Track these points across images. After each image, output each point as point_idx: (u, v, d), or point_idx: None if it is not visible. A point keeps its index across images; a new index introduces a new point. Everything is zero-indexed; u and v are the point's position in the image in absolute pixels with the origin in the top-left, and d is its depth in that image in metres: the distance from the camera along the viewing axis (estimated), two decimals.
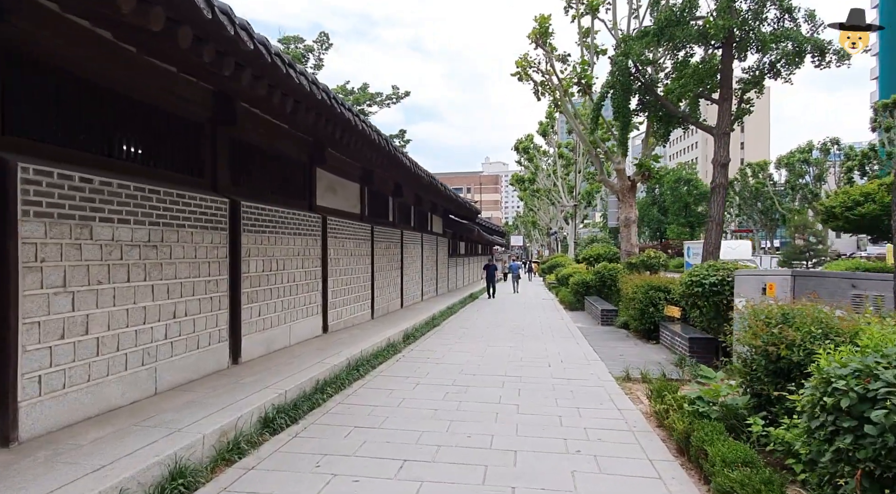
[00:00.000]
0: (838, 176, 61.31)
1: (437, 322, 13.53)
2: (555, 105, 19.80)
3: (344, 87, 30.06)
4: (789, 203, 65.56)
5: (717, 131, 11.47)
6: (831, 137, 60.83)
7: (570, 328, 13.28)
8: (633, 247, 18.45)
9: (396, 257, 14.49)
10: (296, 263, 8.13)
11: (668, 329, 10.06)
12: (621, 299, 15.01)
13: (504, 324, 13.95)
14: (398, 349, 9.41)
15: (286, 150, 8.37)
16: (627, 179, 18.41)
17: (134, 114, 5.19)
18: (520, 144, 45.13)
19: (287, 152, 8.40)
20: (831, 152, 60.62)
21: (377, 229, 12.63)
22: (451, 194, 16.03)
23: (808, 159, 61.02)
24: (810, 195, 60.49)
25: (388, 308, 13.61)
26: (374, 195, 13.17)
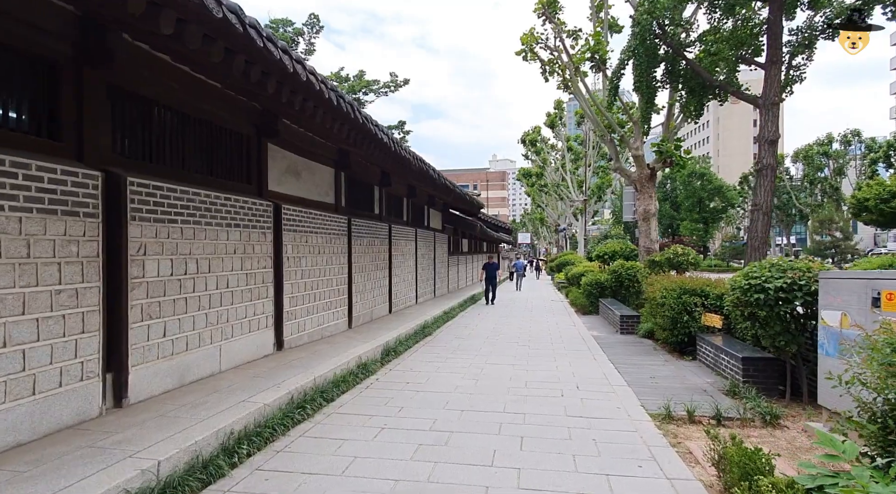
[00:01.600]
0: (859, 169, 58.87)
1: (428, 331, 11.63)
2: (564, 86, 17.81)
3: (338, 73, 28.25)
4: (806, 198, 63.08)
5: (764, 101, 9.50)
6: (852, 129, 58.31)
7: (585, 337, 11.34)
8: (653, 243, 16.46)
9: (383, 255, 12.60)
10: (231, 263, 6.26)
11: (709, 344, 8.11)
12: (645, 303, 13.09)
13: (507, 332, 12.03)
14: (372, 370, 7.52)
15: (218, 116, 6.49)
16: (646, 167, 16.41)
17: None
18: (526, 137, 43.11)
19: (220, 120, 6.52)
20: (852, 145, 58.13)
21: (357, 223, 10.75)
22: (448, 184, 14.13)
23: (828, 152, 58.50)
24: (830, 189, 58.04)
25: (373, 315, 11.72)
26: (355, 183, 11.28)
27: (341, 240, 9.83)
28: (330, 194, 9.91)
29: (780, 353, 6.39)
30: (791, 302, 6.00)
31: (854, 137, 57.75)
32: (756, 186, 9.58)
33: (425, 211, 18.29)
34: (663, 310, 9.33)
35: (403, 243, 14.49)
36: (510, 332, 12.13)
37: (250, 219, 6.68)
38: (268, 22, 26.03)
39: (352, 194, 11.08)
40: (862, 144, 57.77)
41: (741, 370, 6.73)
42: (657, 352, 9.50)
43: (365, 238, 11.22)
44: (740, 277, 6.58)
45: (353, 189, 11.13)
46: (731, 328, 8.53)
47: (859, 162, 58.35)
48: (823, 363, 5.17)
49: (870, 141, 56.94)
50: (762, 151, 9.52)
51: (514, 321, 14.33)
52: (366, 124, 7.37)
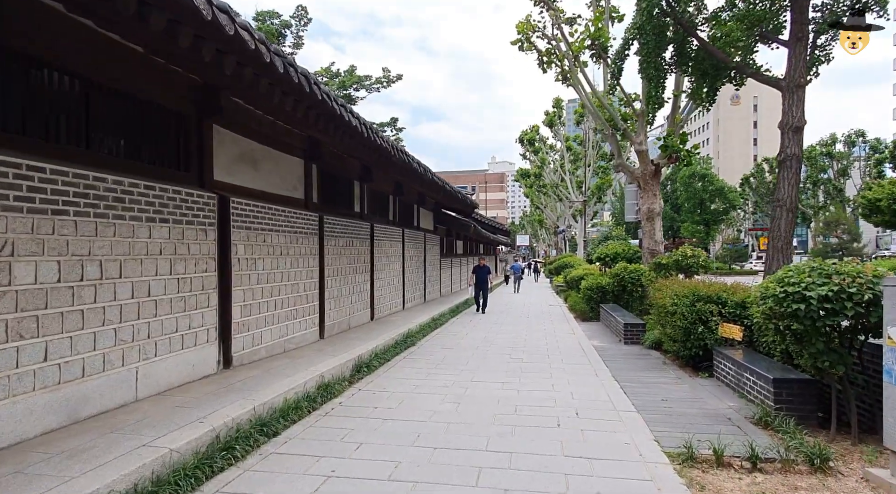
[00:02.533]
0: (864, 170, 57.84)
1: (413, 340, 10.52)
2: (563, 78, 16.73)
3: (328, 68, 27.17)
4: (809, 199, 62.08)
5: (788, 83, 8.41)
6: (856, 130, 57.29)
7: (585, 348, 10.23)
8: (657, 244, 15.37)
9: (364, 257, 11.49)
10: (155, 266, 5.15)
11: (728, 359, 7.01)
12: (650, 309, 11.99)
13: (500, 342, 10.92)
14: (336, 392, 6.40)
15: (141, 88, 5.39)
16: (650, 164, 15.34)
17: None
18: (525, 136, 42.05)
19: (144, 93, 5.42)
20: (856, 145, 57.08)
21: (331, 221, 9.65)
22: (436, 180, 13.03)
23: (832, 153, 57.45)
24: (833, 191, 56.97)
25: (351, 323, 10.61)
26: (330, 177, 10.17)
27: (311, 240, 8.72)
28: (299, 188, 8.80)
29: (821, 375, 5.28)
30: (838, 315, 4.90)
31: (858, 137, 56.70)
32: (779, 179, 8.50)
33: (414, 210, 17.19)
34: (674, 319, 8.22)
35: (388, 244, 13.39)
36: (503, 341, 11.02)
37: (184, 213, 5.57)
38: (254, 14, 24.98)
39: (326, 189, 9.97)
40: (866, 145, 56.77)
41: (772, 393, 5.63)
42: (667, 367, 8.38)
43: (341, 238, 10.12)
44: (772, 283, 5.47)
45: (327, 184, 10.03)
46: (753, 340, 7.44)
47: (864, 163, 57.36)
48: (891, 394, 4.07)
49: (874, 142, 55.96)
50: (786, 139, 8.42)
51: (507, 328, 13.22)
52: (329, 104, 6.27)
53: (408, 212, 16.32)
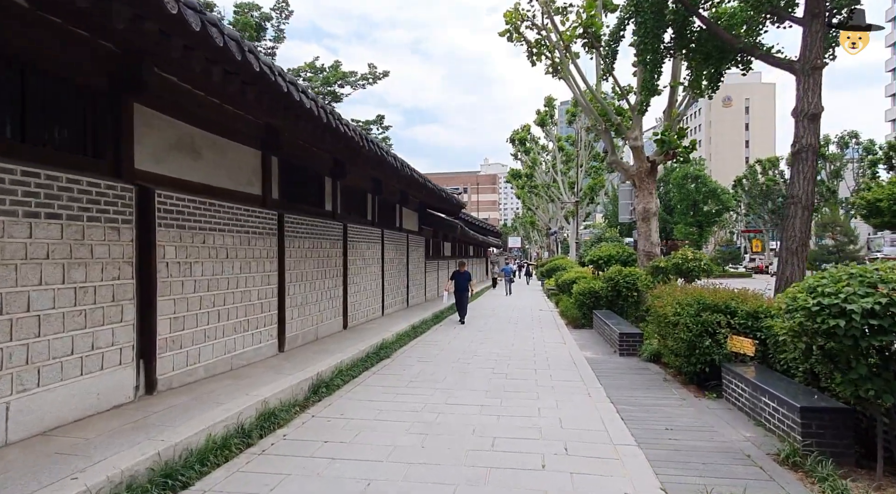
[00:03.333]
0: (857, 172, 57.41)
1: (387, 352, 9.52)
2: (553, 70, 15.81)
3: (312, 64, 26.13)
4: None
5: (803, 65, 7.50)
6: (849, 131, 56.85)
7: (576, 360, 9.27)
8: (653, 246, 14.46)
9: (336, 260, 10.49)
10: (38, 274, 4.14)
11: (741, 379, 6.08)
12: (647, 316, 11.08)
13: (483, 353, 9.94)
14: (282, 422, 5.39)
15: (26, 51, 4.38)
16: (646, 160, 14.45)
17: None
18: (516, 136, 41.16)
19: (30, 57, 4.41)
20: (849, 147, 56.63)
21: (294, 220, 8.65)
22: (416, 177, 12.05)
23: (825, 154, 56.91)
24: (827, 192, 56.49)
25: (319, 332, 9.60)
26: (293, 172, 9.17)
27: (268, 241, 7.71)
28: (254, 183, 7.79)
29: (862, 405, 4.35)
30: (887, 333, 3.96)
31: (852, 138, 56.29)
32: (792, 173, 7.59)
33: (396, 210, 16.21)
34: (676, 331, 7.28)
35: (365, 246, 12.39)
36: (487, 352, 10.04)
37: (84, 207, 4.56)
38: (234, 6, 23.91)
39: (289, 185, 8.97)
40: (860, 147, 56.34)
41: (799, 424, 4.69)
42: (668, 385, 7.44)
43: (307, 239, 9.11)
44: (801, 292, 4.53)
45: (290, 179, 9.03)
46: (768, 356, 6.51)
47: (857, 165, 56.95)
48: None
49: (868, 143, 55.54)
50: (800, 128, 7.51)
51: (493, 336, 12.24)
52: (272, 78, 5.27)
53: (388, 212, 15.33)
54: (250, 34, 23.01)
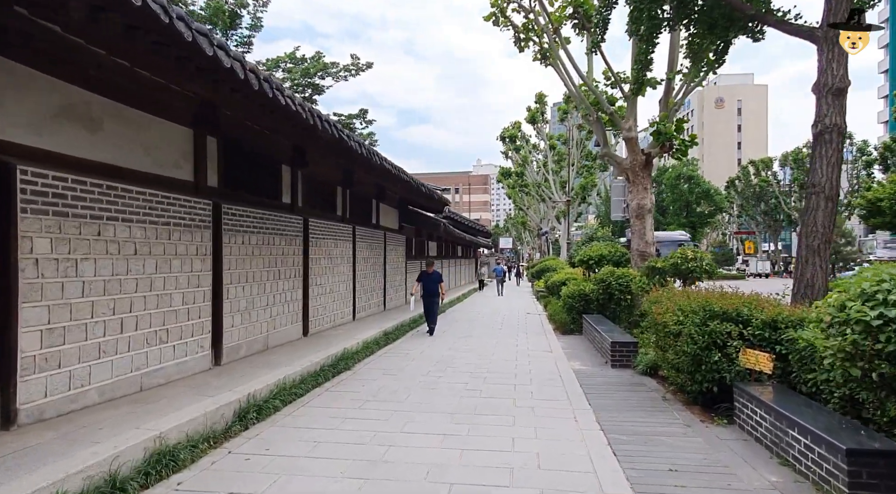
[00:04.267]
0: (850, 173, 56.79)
1: (349, 363, 8.36)
2: (542, 56, 14.73)
3: (292, 54, 24.89)
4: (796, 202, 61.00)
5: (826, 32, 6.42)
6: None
7: (563, 374, 8.15)
8: (648, 245, 13.40)
9: (293, 258, 9.32)
10: None
11: (758, 403, 4.98)
12: (641, 322, 10.02)
13: (459, 364, 8.80)
14: (183, 463, 4.21)
15: None
16: (641, 153, 13.39)
17: None
18: (506, 133, 40.09)
19: None
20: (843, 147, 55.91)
21: (237, 212, 7.48)
22: (389, 167, 10.87)
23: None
24: None
25: (270, 341, 8.42)
26: (239, 157, 8.00)
27: (198, 235, 6.53)
28: (183, 166, 6.61)
29: None
30: None
31: (846, 140, 55.63)
32: (813, 157, 6.51)
33: (372, 206, 15.04)
34: (678, 343, 6.18)
35: (332, 244, 11.22)
36: (463, 363, 8.90)
37: None
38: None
39: (232, 171, 7.78)
40: (853, 148, 55.72)
41: (846, 470, 3.59)
42: (669, 406, 6.32)
43: (255, 234, 7.93)
44: (852, 300, 3.43)
45: (234, 164, 7.85)
46: (789, 374, 5.42)
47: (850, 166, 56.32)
48: None
49: (862, 144, 54.94)
50: (823, 105, 6.43)
51: (474, 343, 11.10)
52: (191, 39, 4.11)
53: (362, 207, 14.16)
54: (223, 22, 21.78)
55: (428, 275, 12.22)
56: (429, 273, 12.22)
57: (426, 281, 12.16)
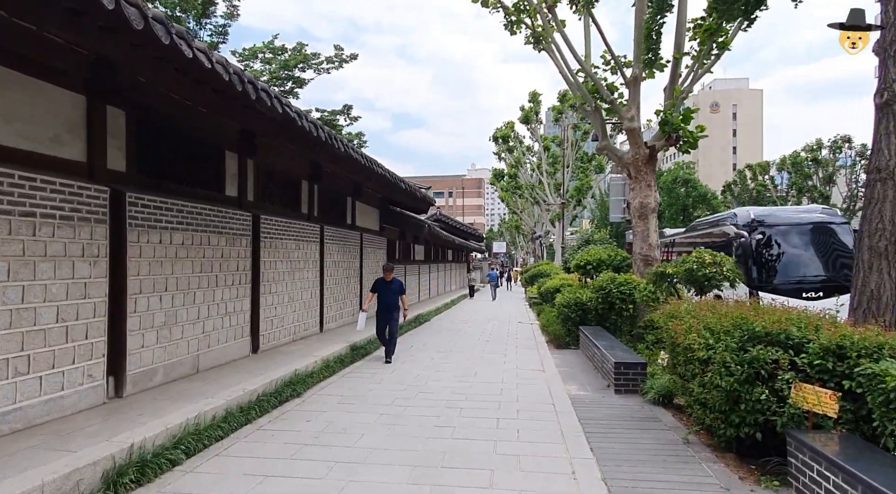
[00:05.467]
0: (850, 177, 55.87)
1: (297, 389, 6.87)
2: (535, 41, 13.34)
3: (271, 43, 23.44)
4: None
5: None
6: (842, 135, 55.29)
7: (557, 402, 6.70)
8: (652, 249, 12.01)
9: (237, 261, 7.86)
10: None
11: (832, 465, 3.54)
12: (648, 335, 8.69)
13: (433, 388, 7.34)
14: None
15: None
16: (644, 146, 12.03)
17: None
18: (499, 133, 38.75)
19: None
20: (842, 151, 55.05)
21: (149, 204, 6.01)
22: (359, 158, 9.41)
23: (818, 158, 55.32)
24: (820, 199, 54.85)
25: (202, 363, 6.93)
26: (159, 135, 6.53)
27: (86, 232, 5.06)
28: (70, 143, 5.14)
29: None
30: None
31: (845, 143, 54.69)
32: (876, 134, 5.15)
33: (347, 204, 13.59)
34: (708, 372, 4.75)
35: (293, 246, 9.75)
36: (439, 386, 7.45)
37: None
38: None
39: (152, 154, 6.32)
40: (853, 151, 54.84)
41: None
42: (694, 453, 4.88)
43: (178, 232, 6.46)
44: None
45: (154, 145, 6.38)
46: (865, 418, 4.01)
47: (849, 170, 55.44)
48: None
49: (862, 147, 54.03)
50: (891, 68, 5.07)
51: (456, 359, 9.65)
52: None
53: (334, 205, 12.71)
54: (195, 9, 20.33)
55: (385, 284, 9.34)
56: (386, 281, 9.36)
57: (383, 292, 9.29)
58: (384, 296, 9.24)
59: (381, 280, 9.40)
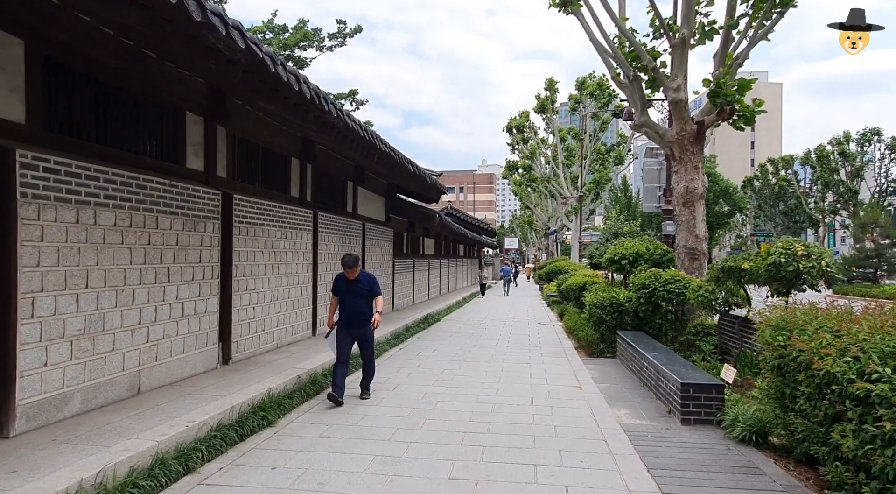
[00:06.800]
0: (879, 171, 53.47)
1: (269, 416, 5.29)
2: (562, 2, 11.64)
3: (270, 22, 21.89)
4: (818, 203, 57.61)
5: None
6: (871, 128, 52.81)
7: (610, 438, 5.04)
8: (699, 240, 10.35)
9: (199, 250, 6.29)
10: None
11: None
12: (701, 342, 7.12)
13: (445, 413, 5.70)
14: None
15: None
16: (691, 122, 10.35)
17: None
18: (513, 123, 36.98)
19: None
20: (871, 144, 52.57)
21: (62, 171, 4.43)
22: (354, 126, 7.78)
23: (846, 151, 52.87)
24: (847, 194, 52.47)
25: (143, 382, 5.36)
26: (85, 84, 4.95)
27: None
28: None
29: None
30: None
31: (874, 136, 52.22)
32: None
33: (348, 189, 12.00)
34: (867, 417, 3.06)
35: (278, 234, 8.17)
36: (452, 410, 5.82)
37: None
38: None
39: (63, 103, 4.73)
40: (882, 144, 52.39)
41: None
42: None
43: (107, 210, 4.88)
44: None
45: (67, 92, 4.79)
46: None
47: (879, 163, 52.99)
48: None
49: (892, 141, 51.58)
50: None
51: (471, 371, 8.01)
52: None
53: (332, 190, 11.12)
54: None
55: (349, 284, 6.16)
56: (350, 279, 6.15)
57: (345, 295, 6.17)
58: (348, 301, 6.13)
59: (343, 278, 6.20)
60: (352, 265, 6.07)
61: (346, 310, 6.15)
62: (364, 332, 6.24)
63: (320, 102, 6.38)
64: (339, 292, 6.26)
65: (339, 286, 6.28)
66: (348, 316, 6.14)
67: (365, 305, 6.19)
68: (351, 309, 6.13)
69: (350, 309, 6.14)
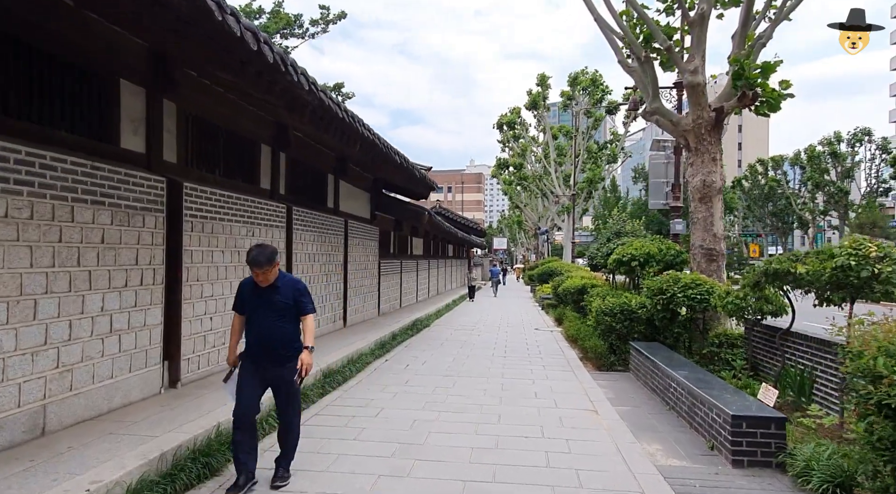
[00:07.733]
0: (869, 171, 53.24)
1: (212, 463, 4.13)
2: None
3: (248, 6, 20.62)
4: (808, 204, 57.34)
5: None
6: (861, 128, 52.52)
7: (648, 488, 3.96)
8: (717, 240, 9.34)
9: (137, 249, 5.11)
10: None
11: None
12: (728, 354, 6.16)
13: (436, 451, 4.56)
14: None
15: None
16: (708, 108, 9.35)
17: None
18: (504, 119, 35.93)
19: None
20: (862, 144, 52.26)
21: None
22: (329, 102, 6.65)
23: (836, 152, 52.51)
24: (838, 194, 52.11)
25: (51, 419, 4.18)
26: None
27: None
28: None
29: None
30: None
31: (865, 136, 51.96)
32: None
33: (328, 183, 10.83)
34: None
35: (243, 231, 6.99)
36: (448, 447, 4.69)
37: None
38: None
39: None
40: (872, 145, 52.12)
41: None
42: None
43: (26, 202, 3.70)
44: None
45: None
46: None
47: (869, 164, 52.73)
48: None
49: (882, 141, 51.36)
50: None
51: (466, 389, 6.87)
52: None
53: (310, 183, 9.95)
54: None
55: (260, 293, 3.86)
56: (261, 287, 3.84)
57: (254, 311, 3.87)
58: (258, 320, 3.84)
59: (250, 284, 3.91)
60: (264, 263, 3.72)
61: (254, 334, 3.82)
62: (282, 374, 3.84)
63: (287, 70, 5.23)
64: (244, 307, 3.94)
65: (243, 297, 3.95)
66: (258, 345, 3.81)
67: (286, 327, 3.85)
68: (262, 332, 3.79)
69: (260, 332, 3.79)
